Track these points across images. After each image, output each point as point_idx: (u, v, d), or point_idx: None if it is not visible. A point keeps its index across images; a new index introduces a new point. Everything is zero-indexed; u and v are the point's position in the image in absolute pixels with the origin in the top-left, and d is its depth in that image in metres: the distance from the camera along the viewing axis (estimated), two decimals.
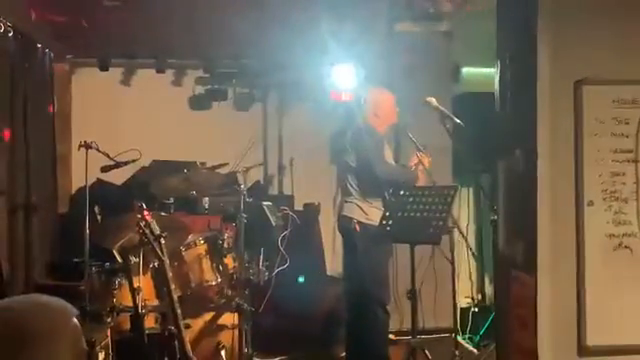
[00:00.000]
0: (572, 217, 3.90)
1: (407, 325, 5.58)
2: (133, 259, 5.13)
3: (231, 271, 5.75)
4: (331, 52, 6.82)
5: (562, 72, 3.93)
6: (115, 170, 5.94)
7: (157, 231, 4.40)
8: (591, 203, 3.90)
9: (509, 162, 4.26)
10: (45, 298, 2.07)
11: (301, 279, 6.99)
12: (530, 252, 3.94)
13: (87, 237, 5.44)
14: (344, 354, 6.20)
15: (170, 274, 4.44)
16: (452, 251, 5.84)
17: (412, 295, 5.17)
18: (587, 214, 3.89)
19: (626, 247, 3.91)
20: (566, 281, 3.90)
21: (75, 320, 2.05)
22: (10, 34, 6.10)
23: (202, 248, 5.68)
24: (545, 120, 3.91)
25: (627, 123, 3.92)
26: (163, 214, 5.93)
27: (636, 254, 3.91)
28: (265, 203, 6.28)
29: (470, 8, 6.41)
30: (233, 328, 5.56)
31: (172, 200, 6.80)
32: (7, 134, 6.03)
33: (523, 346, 4.05)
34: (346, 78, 7.19)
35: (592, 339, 3.89)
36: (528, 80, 3.98)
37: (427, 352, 5.26)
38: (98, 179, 6.73)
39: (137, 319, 4.87)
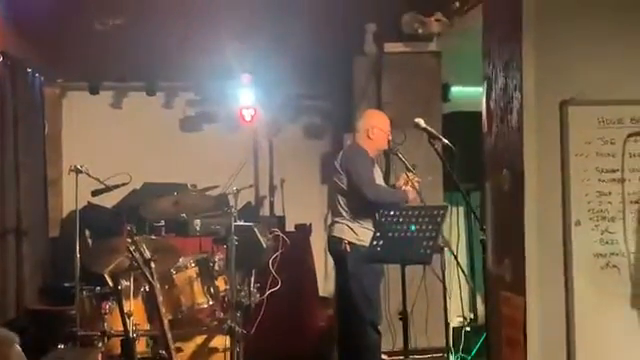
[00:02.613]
0: (559, 237, 3.92)
1: (399, 345, 5.56)
2: (124, 283, 5.13)
3: (222, 293, 5.74)
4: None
5: (548, 92, 3.96)
6: (106, 193, 5.94)
7: (147, 255, 4.40)
8: (578, 223, 3.92)
9: (496, 182, 4.28)
10: None
11: None
12: (518, 272, 3.96)
13: (78, 261, 5.43)
14: None
15: (161, 298, 4.44)
16: (443, 270, 5.82)
17: (404, 315, 5.17)
18: (574, 234, 3.91)
19: (614, 266, 3.93)
20: (555, 301, 3.91)
21: (18, 347, 2.08)
22: (0, 59, 6.12)
23: (193, 271, 5.68)
24: (531, 140, 3.94)
25: (613, 143, 3.95)
26: (154, 237, 5.94)
27: (624, 273, 3.93)
28: (255, 224, 6.28)
29: (458, 28, 6.44)
30: (225, 351, 5.55)
31: (163, 223, 6.81)
32: None
33: None
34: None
35: (581, 358, 3.89)
36: (513, 100, 4.01)
37: None
38: (89, 203, 6.72)
39: (128, 343, 4.86)
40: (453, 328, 6.55)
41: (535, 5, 3.99)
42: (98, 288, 5.47)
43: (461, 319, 7.11)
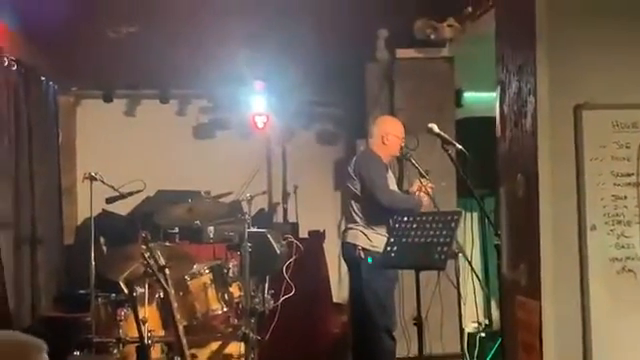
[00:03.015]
0: (575, 241, 3.90)
1: (414, 351, 5.55)
2: (139, 290, 5.14)
3: (237, 300, 5.74)
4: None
5: (562, 97, 3.95)
6: (120, 201, 5.96)
7: (162, 262, 4.42)
8: (594, 227, 3.90)
9: (511, 187, 4.27)
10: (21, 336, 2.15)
11: None
12: (534, 277, 3.94)
13: (93, 268, 5.44)
14: None
15: (175, 304, 4.45)
16: (457, 276, 5.81)
17: (418, 321, 5.15)
18: (590, 238, 3.89)
19: (630, 270, 3.91)
20: (570, 306, 3.89)
21: (45, 355, 2.11)
22: (14, 67, 6.16)
23: (207, 277, 5.68)
24: (546, 145, 3.93)
25: (628, 147, 3.93)
26: (168, 244, 5.95)
27: None
28: (269, 231, 6.29)
29: (471, 34, 6.43)
30: (239, 357, 5.55)
31: (177, 230, 6.82)
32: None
33: None
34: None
35: None
36: (527, 105, 4.00)
37: None
38: (103, 210, 6.74)
39: (143, 350, 4.87)
40: (468, 334, 6.56)
41: (548, 9, 3.98)
42: (113, 295, 5.48)
43: (476, 325, 7.10)
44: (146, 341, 4.87)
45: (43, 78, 7.02)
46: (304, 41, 6.84)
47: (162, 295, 5.05)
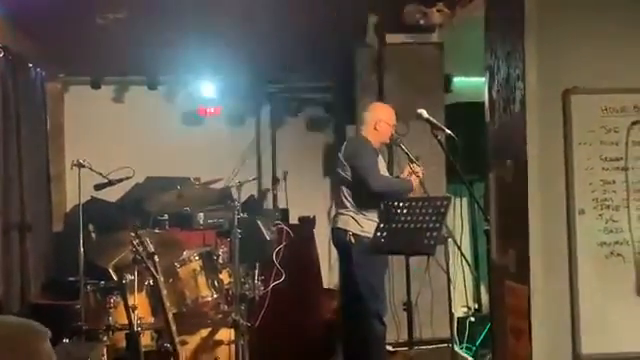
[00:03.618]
0: (563, 226, 3.90)
1: (404, 336, 5.58)
2: (128, 277, 5.14)
3: (227, 286, 5.75)
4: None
5: (550, 81, 3.94)
6: (109, 187, 5.94)
7: (151, 249, 4.41)
8: (582, 212, 3.90)
9: (500, 172, 4.27)
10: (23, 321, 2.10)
11: None
12: (522, 262, 3.95)
13: (82, 255, 5.43)
14: None
15: (165, 291, 4.46)
16: (447, 261, 5.83)
17: (408, 306, 5.18)
18: (578, 223, 3.89)
19: (618, 255, 3.92)
20: (559, 290, 3.90)
21: (49, 343, 2.07)
22: (1, 54, 6.12)
23: (197, 264, 5.68)
24: (534, 130, 3.92)
25: (616, 131, 3.93)
26: (157, 231, 5.95)
27: (628, 262, 3.91)
28: (259, 217, 6.29)
29: (460, 19, 6.42)
30: (229, 343, 5.56)
31: (166, 216, 6.82)
32: None
33: (519, 356, 4.05)
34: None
35: (587, 348, 3.89)
36: (516, 90, 4.00)
37: None
38: (92, 197, 6.73)
39: (133, 337, 4.89)
40: (458, 318, 6.57)
41: None
42: (102, 282, 5.48)
43: (465, 309, 7.13)
44: (136, 328, 4.89)
45: (30, 65, 6.98)
46: (294, 26, 6.82)
47: (152, 282, 5.05)
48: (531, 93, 3.92)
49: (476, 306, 7.51)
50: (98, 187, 5.87)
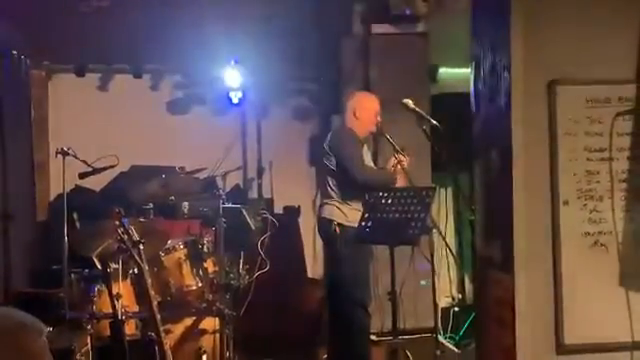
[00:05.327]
0: (548, 216, 3.93)
1: (388, 326, 5.59)
2: (112, 265, 5.12)
3: (211, 275, 5.74)
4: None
5: (536, 73, 3.96)
6: (93, 176, 5.90)
7: (136, 238, 4.40)
8: (566, 202, 3.93)
9: (485, 162, 4.28)
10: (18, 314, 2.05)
11: None
12: (507, 252, 3.97)
13: (66, 244, 5.40)
14: (326, 356, 6.22)
15: (149, 280, 4.44)
16: (432, 252, 5.85)
17: (392, 296, 5.19)
18: (562, 213, 3.92)
19: (602, 245, 3.95)
20: (543, 280, 3.92)
21: (44, 339, 2.03)
22: None
23: (182, 253, 5.67)
24: (520, 120, 3.94)
25: (600, 122, 3.95)
26: (142, 220, 5.92)
27: (612, 252, 3.95)
28: (244, 207, 6.28)
29: (446, 9, 6.43)
30: (214, 332, 5.55)
31: (151, 205, 6.77)
32: None
33: (502, 345, 4.07)
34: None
35: (570, 337, 3.92)
36: (502, 81, 4.01)
37: (408, 352, 5.28)
38: (76, 186, 6.69)
39: (117, 325, 4.87)
40: (442, 308, 6.61)
41: None
42: (87, 271, 5.46)
43: (449, 299, 7.16)
44: (120, 317, 4.87)
45: (14, 52, 6.92)
46: (279, 16, 6.80)
47: (136, 271, 5.04)
48: (517, 83, 3.94)
49: (460, 296, 7.54)
50: (82, 175, 5.83)
